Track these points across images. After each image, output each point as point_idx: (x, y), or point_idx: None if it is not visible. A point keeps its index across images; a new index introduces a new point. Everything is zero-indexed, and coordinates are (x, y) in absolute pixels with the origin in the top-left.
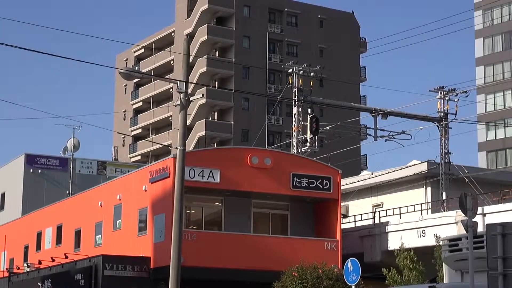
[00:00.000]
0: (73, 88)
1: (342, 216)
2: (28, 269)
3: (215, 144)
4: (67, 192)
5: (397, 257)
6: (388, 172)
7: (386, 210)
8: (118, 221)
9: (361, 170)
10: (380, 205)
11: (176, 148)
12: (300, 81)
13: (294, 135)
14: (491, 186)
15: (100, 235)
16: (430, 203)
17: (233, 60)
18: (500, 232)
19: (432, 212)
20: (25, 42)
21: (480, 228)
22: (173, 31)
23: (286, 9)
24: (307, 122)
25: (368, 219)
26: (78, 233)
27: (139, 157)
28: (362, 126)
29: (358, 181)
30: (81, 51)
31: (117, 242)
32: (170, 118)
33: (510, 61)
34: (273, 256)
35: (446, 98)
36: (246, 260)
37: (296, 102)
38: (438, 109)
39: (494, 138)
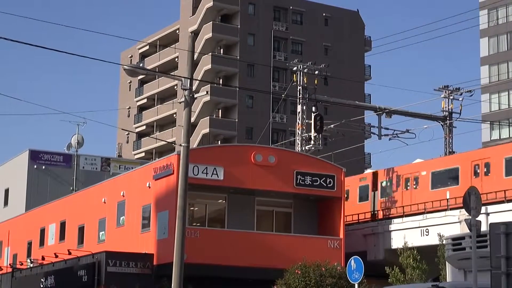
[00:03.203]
0: (77, 84)
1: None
2: (31, 265)
3: (219, 141)
4: (71, 188)
5: (400, 255)
6: None
7: (390, 208)
8: (121, 218)
9: (365, 168)
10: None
11: (180, 145)
12: (305, 79)
13: (298, 133)
14: None
15: (103, 232)
16: (433, 202)
17: (238, 57)
18: (503, 231)
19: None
20: (30, 38)
21: (484, 227)
22: (178, 28)
23: (291, 7)
24: (311, 120)
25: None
26: (81, 229)
27: (143, 154)
28: (366, 125)
29: None
30: (86, 47)
31: (121, 239)
32: (174, 115)
33: None
34: (276, 253)
35: (451, 97)
36: (249, 257)
37: (301, 100)
38: (443, 108)
39: (499, 138)
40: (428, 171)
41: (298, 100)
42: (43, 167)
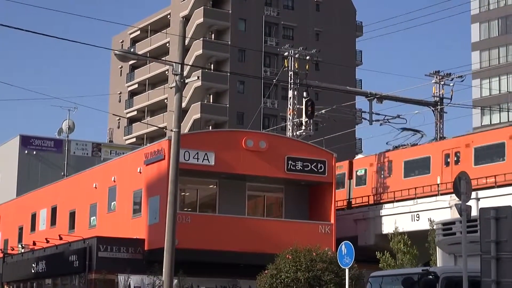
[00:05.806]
0: (68, 69)
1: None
2: (23, 250)
3: (210, 126)
4: (62, 173)
5: (391, 240)
6: None
7: (381, 193)
8: (112, 203)
9: (356, 154)
10: None
11: (171, 130)
12: (296, 65)
13: (290, 119)
14: None
15: (94, 217)
16: (424, 187)
17: (229, 43)
18: (493, 216)
19: (426, 196)
20: (20, 23)
21: (474, 212)
22: (169, 13)
23: None
24: (302, 105)
25: (362, 202)
26: (72, 215)
27: (134, 139)
28: (358, 110)
29: None
30: (76, 32)
31: (112, 224)
32: (166, 100)
33: (506, 46)
34: (267, 239)
35: (442, 83)
36: (240, 242)
37: (292, 86)
38: (434, 93)
39: (489, 123)
40: None
41: (289, 85)
42: (34, 152)
